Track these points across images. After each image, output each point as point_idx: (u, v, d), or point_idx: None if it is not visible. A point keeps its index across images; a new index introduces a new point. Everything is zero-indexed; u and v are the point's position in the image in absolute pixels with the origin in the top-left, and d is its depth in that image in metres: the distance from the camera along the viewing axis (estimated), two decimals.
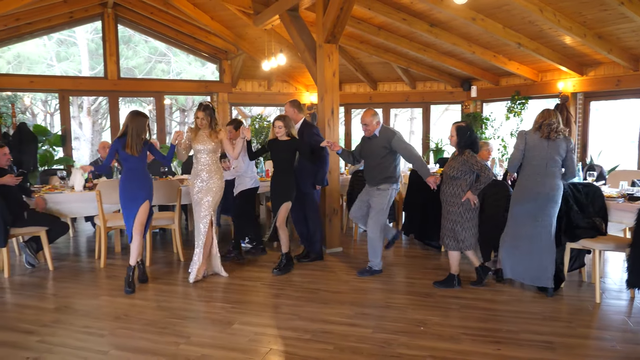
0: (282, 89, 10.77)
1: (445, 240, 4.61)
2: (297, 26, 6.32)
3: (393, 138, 4.88)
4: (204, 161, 4.88)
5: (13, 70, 13.71)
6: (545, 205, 4.33)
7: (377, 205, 4.98)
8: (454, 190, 4.47)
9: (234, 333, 3.65)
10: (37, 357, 3.29)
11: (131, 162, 4.63)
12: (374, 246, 5.05)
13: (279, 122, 5.05)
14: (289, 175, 5.16)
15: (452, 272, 4.66)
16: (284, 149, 5.13)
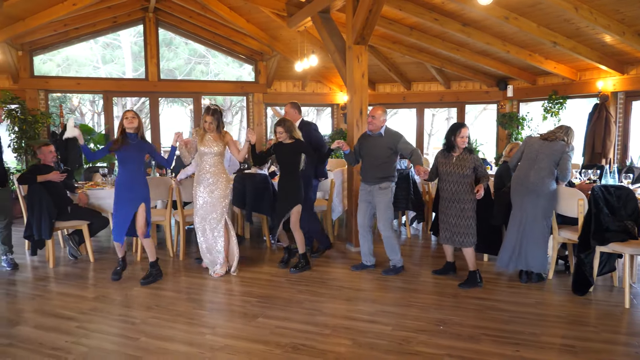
0: (316, 89, 10.90)
1: (461, 239, 4.68)
2: (328, 28, 6.42)
3: (400, 140, 5.02)
4: (209, 164, 4.95)
5: (62, 72, 14.45)
6: (527, 195, 4.66)
7: (383, 205, 5.05)
8: (465, 188, 4.63)
9: (258, 326, 3.80)
10: (76, 341, 3.54)
11: (126, 162, 4.66)
12: (391, 244, 5.13)
13: (279, 128, 5.12)
14: (296, 178, 5.19)
15: (471, 270, 4.74)
16: (289, 152, 5.17)
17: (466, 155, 4.63)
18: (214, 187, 4.96)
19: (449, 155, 4.71)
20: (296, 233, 5.21)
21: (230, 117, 19.98)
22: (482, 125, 17.51)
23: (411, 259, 5.80)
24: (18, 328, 3.80)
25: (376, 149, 5.03)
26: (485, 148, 10.03)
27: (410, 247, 6.36)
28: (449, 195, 4.69)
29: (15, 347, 3.46)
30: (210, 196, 4.95)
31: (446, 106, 12.98)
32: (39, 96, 8.92)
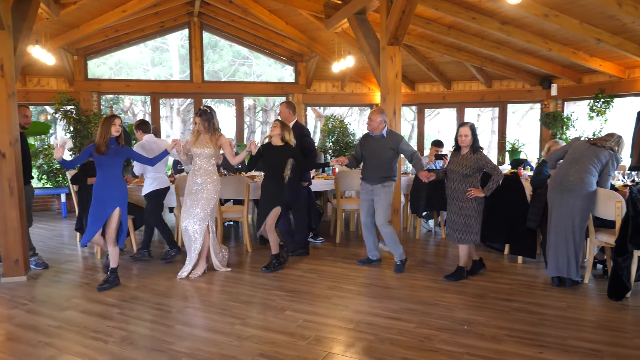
0: (355, 89, 10.98)
1: (458, 235, 4.83)
2: (364, 29, 6.51)
3: (401, 141, 5.19)
4: (199, 165, 5.00)
5: (114, 75, 15.20)
6: (565, 195, 4.55)
7: (383, 202, 5.18)
8: (466, 187, 4.71)
9: (285, 318, 3.95)
10: (116, 326, 3.81)
11: (104, 167, 4.66)
12: (392, 239, 5.23)
13: (277, 122, 5.25)
14: (280, 181, 5.19)
15: (460, 265, 4.92)
16: (278, 155, 5.19)
17: (470, 155, 4.72)
18: (200, 189, 4.98)
19: (457, 154, 4.86)
20: (270, 234, 5.24)
21: (273, 117, 20.36)
22: (527, 126, 17.05)
23: (445, 259, 5.81)
24: (67, 312, 4.13)
25: (379, 149, 5.18)
26: (527, 148, 9.80)
27: (445, 248, 6.35)
28: (451, 192, 4.85)
29: (63, 329, 3.77)
30: (196, 197, 4.99)
31: (487, 106, 12.73)
32: (92, 98, 9.47)
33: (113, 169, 4.70)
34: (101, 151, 4.58)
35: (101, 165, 4.66)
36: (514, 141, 9.63)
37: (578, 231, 4.55)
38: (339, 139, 10.47)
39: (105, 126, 4.62)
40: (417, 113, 11.29)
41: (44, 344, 3.52)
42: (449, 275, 4.95)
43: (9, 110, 4.87)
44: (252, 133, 20.35)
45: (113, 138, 4.68)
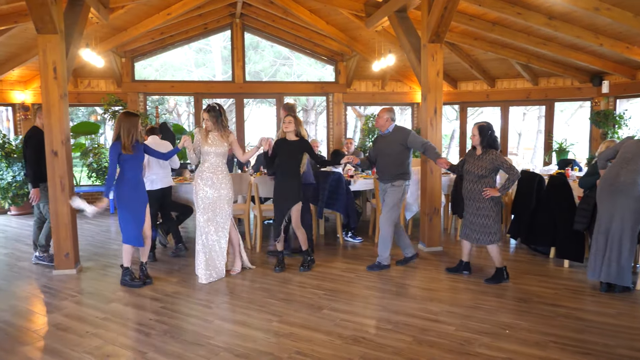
0: (395, 88, 10.87)
1: (477, 236, 4.78)
2: (404, 27, 6.42)
3: (409, 135, 5.17)
4: (212, 162, 4.94)
5: (159, 76, 15.67)
6: (616, 197, 4.35)
7: (390, 202, 5.15)
8: (481, 188, 4.69)
9: (322, 317, 3.95)
10: (158, 320, 3.92)
11: (131, 164, 4.65)
12: (384, 241, 5.21)
13: (289, 117, 5.18)
14: (297, 177, 5.15)
15: (498, 266, 4.82)
16: (293, 150, 5.15)
17: (484, 155, 4.71)
18: (219, 186, 4.93)
19: (473, 154, 4.84)
20: (298, 231, 5.22)
21: (313, 116, 20.44)
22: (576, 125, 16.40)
23: (487, 261, 5.64)
24: (112, 305, 4.29)
25: (387, 146, 5.22)
26: (576, 148, 9.41)
27: (487, 250, 6.16)
28: (467, 193, 4.83)
29: (109, 321, 3.91)
30: (218, 194, 4.92)
31: (533, 104, 12.31)
32: (139, 98, 9.80)
33: (139, 166, 4.76)
34: (130, 150, 4.60)
35: (127, 162, 4.63)
36: (561, 141, 9.27)
37: (630, 235, 4.34)
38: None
39: (133, 124, 4.62)
40: (460, 112, 11.05)
41: (91, 334, 3.67)
42: (489, 278, 4.85)
43: (61, 111, 5.09)
44: None
45: None
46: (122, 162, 4.65)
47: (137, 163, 4.72)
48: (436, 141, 5.97)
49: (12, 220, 8.56)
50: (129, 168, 4.67)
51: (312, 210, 6.11)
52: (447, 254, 5.93)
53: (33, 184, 5.38)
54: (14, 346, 3.51)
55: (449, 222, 7.31)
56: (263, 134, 5.40)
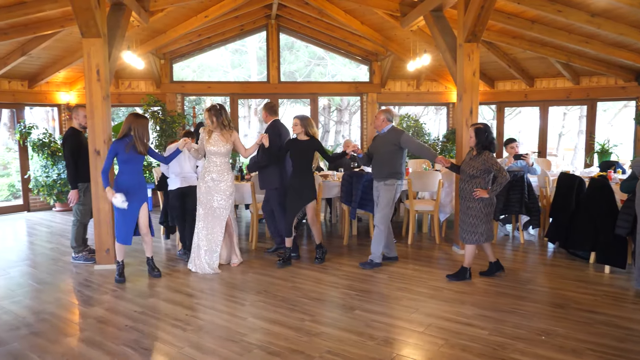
0: (430, 87, 10.75)
1: (464, 235, 4.84)
2: (440, 26, 6.35)
3: (402, 136, 5.28)
4: (214, 162, 5.07)
5: (196, 77, 16.01)
6: None
7: (383, 200, 5.29)
8: (472, 188, 4.74)
9: (354, 317, 3.97)
10: (194, 315, 4.03)
11: (131, 163, 4.76)
12: (378, 239, 5.35)
13: (296, 120, 5.26)
14: (310, 175, 5.30)
15: (465, 265, 4.92)
16: (304, 149, 5.27)
17: (479, 156, 4.76)
18: (219, 182, 5.08)
19: (470, 154, 4.92)
20: (314, 227, 5.48)
21: (347, 116, 20.44)
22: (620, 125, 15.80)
23: (523, 265, 5.54)
24: (150, 300, 4.43)
25: (382, 146, 5.36)
26: (620, 150, 9.07)
27: (524, 254, 6.04)
28: (460, 192, 4.92)
29: (146, 316, 4.04)
30: (217, 188, 5.08)
31: (574, 104, 11.91)
32: (177, 99, 10.05)
33: (138, 165, 4.85)
34: (144, 152, 4.75)
35: (128, 163, 4.75)
36: (604, 142, 8.95)
37: None
38: None
39: (145, 128, 4.78)
40: (497, 112, 10.83)
41: (130, 327, 3.80)
42: (452, 274, 4.97)
43: (104, 112, 5.29)
44: (326, 132, 20.57)
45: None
46: (122, 162, 4.74)
47: (138, 164, 4.83)
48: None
49: (56, 215, 8.94)
50: (128, 168, 4.78)
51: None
52: (482, 256, 5.81)
53: (72, 185, 5.54)
54: (58, 337, 3.67)
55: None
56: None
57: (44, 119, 12.90)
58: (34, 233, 7.47)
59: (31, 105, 9.66)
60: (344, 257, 5.85)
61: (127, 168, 4.78)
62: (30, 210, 9.39)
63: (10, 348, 3.48)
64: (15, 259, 5.95)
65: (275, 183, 5.63)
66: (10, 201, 10.62)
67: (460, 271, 4.94)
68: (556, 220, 6.05)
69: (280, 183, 5.63)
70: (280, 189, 5.63)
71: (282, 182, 5.62)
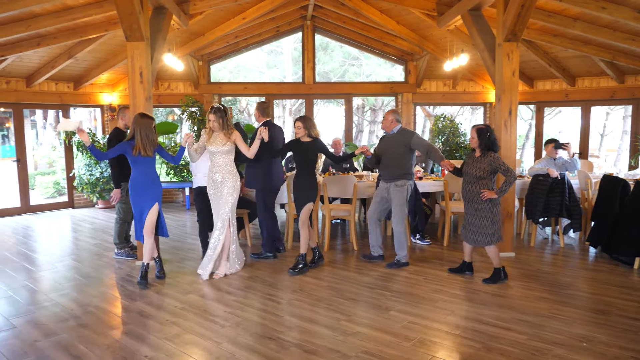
0: (467, 87, 10.59)
1: (474, 237, 4.80)
2: (478, 25, 6.26)
3: (412, 137, 5.32)
4: (218, 163, 5.03)
5: (233, 78, 16.27)
6: None
7: (398, 201, 5.33)
8: (480, 189, 4.71)
9: (390, 318, 3.97)
10: (232, 312, 4.12)
11: (141, 164, 4.73)
12: (400, 240, 5.39)
13: (299, 123, 5.20)
14: (312, 176, 5.25)
15: (496, 266, 4.88)
16: (307, 150, 5.22)
17: (484, 157, 4.73)
18: (221, 186, 5.03)
19: (472, 155, 4.88)
20: (302, 230, 5.21)
21: (381, 116, 20.35)
22: None
23: (563, 269, 5.41)
24: (189, 296, 4.55)
25: (391, 146, 5.38)
26: None
27: (564, 258, 5.89)
28: (466, 194, 4.85)
29: (186, 311, 4.17)
30: (220, 193, 5.03)
31: (619, 103, 11.50)
32: (214, 100, 10.25)
33: (150, 166, 4.80)
34: (151, 153, 4.70)
35: (137, 163, 4.74)
36: None
37: None
38: (449, 139, 10.19)
39: (149, 128, 4.69)
40: (536, 112, 10.57)
41: (171, 322, 3.93)
42: (487, 278, 4.92)
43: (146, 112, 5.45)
44: (360, 132, 20.54)
45: None
46: (132, 162, 4.76)
47: (147, 164, 4.78)
48: (510, 143, 5.78)
49: (99, 212, 9.27)
50: (139, 169, 4.76)
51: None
52: (520, 260, 5.72)
53: (115, 184, 5.74)
54: (104, 329, 3.83)
55: (522, 227, 7.03)
56: (332, 133, 5.51)
57: (86, 119, 13.39)
58: (78, 229, 7.78)
59: (76, 106, 10.05)
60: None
61: (137, 168, 4.77)
62: (75, 207, 9.78)
63: (60, 338, 3.65)
64: (62, 253, 6.22)
65: (258, 185, 5.65)
66: (55, 198, 11.07)
67: (495, 274, 4.90)
68: (598, 224, 5.88)
69: (263, 185, 5.62)
70: (263, 191, 5.64)
71: (266, 184, 5.60)
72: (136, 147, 4.64)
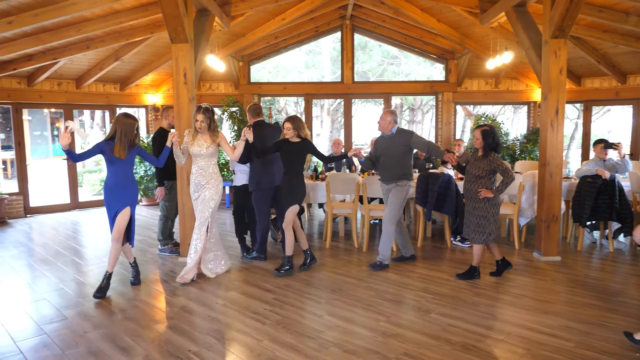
0: (510, 86, 10.33)
1: (471, 235, 4.88)
2: (523, 22, 6.09)
3: (412, 137, 5.26)
4: (200, 166, 4.89)
5: (271, 78, 16.44)
6: None
7: (395, 200, 5.24)
8: (478, 188, 4.78)
9: (430, 321, 3.92)
10: (272, 310, 4.17)
11: (117, 165, 4.49)
12: (387, 240, 5.29)
13: (288, 124, 5.09)
14: (300, 177, 5.14)
15: (473, 264, 4.98)
16: (295, 151, 5.11)
17: (484, 157, 4.81)
18: (204, 188, 4.90)
19: (475, 155, 4.96)
20: (287, 232, 5.12)
21: (420, 116, 20.09)
22: None
23: (612, 275, 5.19)
24: (230, 293, 4.63)
25: (391, 147, 5.29)
26: None
27: (613, 263, 5.66)
28: (466, 193, 4.94)
29: (228, 308, 4.24)
30: (202, 196, 4.90)
31: None
32: (254, 99, 10.39)
33: (126, 167, 4.56)
34: (122, 154, 4.43)
35: (114, 163, 4.50)
36: None
37: None
38: None
39: (130, 129, 4.46)
40: (583, 111, 10.20)
41: (212, 318, 4.01)
42: (461, 274, 5.03)
43: (189, 113, 5.59)
44: None
45: None
46: (108, 162, 4.51)
47: (123, 166, 4.54)
48: (557, 144, 5.60)
49: (142, 209, 9.56)
50: (113, 170, 4.52)
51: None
52: (566, 264, 5.53)
53: (159, 183, 5.90)
54: (149, 323, 3.94)
55: (568, 231, 6.79)
56: (369, 133, 5.50)
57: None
58: None
59: (121, 107, 10.39)
60: (418, 259, 5.77)
61: (112, 169, 4.53)
62: None
63: (108, 330, 3.79)
64: (108, 249, 6.37)
65: (251, 185, 5.60)
66: (101, 195, 11.47)
67: (470, 270, 5.01)
68: None
69: (257, 186, 5.53)
70: (255, 192, 5.57)
71: (259, 186, 5.52)
72: (115, 147, 4.42)
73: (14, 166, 10.15)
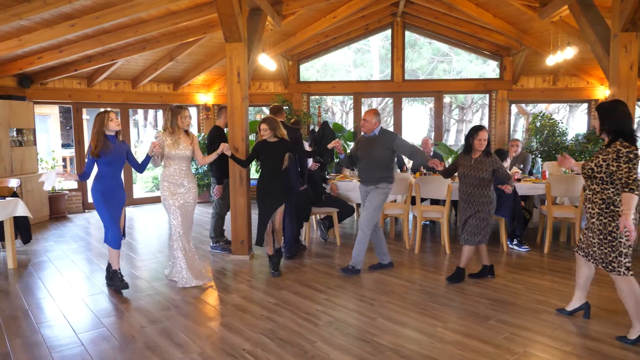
0: (569, 83, 9.84)
1: (467, 236, 4.78)
2: (589, 15, 5.77)
3: (395, 139, 5.03)
4: (181, 168, 4.77)
5: (320, 77, 16.44)
6: None
7: (373, 203, 5.02)
8: (483, 191, 4.71)
9: (490, 328, 3.75)
10: (324, 311, 4.11)
11: (107, 167, 4.46)
12: (361, 244, 5.08)
13: (264, 125, 4.96)
14: (281, 177, 4.99)
15: (460, 266, 4.92)
16: (273, 151, 4.99)
17: (484, 158, 4.71)
18: (188, 194, 4.81)
19: (468, 157, 4.78)
20: (278, 234, 5.13)
21: (470, 115, 19.57)
22: None
23: None
24: (282, 292, 4.62)
25: (373, 149, 5.06)
26: None
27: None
28: (465, 196, 4.79)
29: (280, 307, 4.22)
30: (186, 202, 4.79)
31: None
32: (303, 99, 10.40)
33: (120, 166, 4.56)
34: (96, 154, 4.33)
35: (109, 165, 4.45)
36: None
37: None
38: (548, 138, 9.51)
39: (98, 124, 4.35)
40: None
41: (265, 317, 4.00)
42: (450, 277, 4.94)
43: (242, 112, 5.63)
44: (446, 131, 19.90)
45: (113, 136, 4.49)
46: (98, 162, 4.45)
47: (114, 165, 4.50)
48: None
49: None
50: (104, 170, 4.47)
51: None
52: None
53: (218, 181, 5.98)
54: (203, 320, 3.98)
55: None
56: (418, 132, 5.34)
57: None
58: None
59: None
60: (472, 262, 5.57)
61: (102, 169, 4.48)
62: None
63: (163, 326, 3.84)
64: (161, 245, 6.60)
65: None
66: (153, 192, 11.83)
67: (458, 273, 4.93)
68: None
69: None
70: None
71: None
72: (97, 147, 4.35)
73: (73, 163, 10.60)
